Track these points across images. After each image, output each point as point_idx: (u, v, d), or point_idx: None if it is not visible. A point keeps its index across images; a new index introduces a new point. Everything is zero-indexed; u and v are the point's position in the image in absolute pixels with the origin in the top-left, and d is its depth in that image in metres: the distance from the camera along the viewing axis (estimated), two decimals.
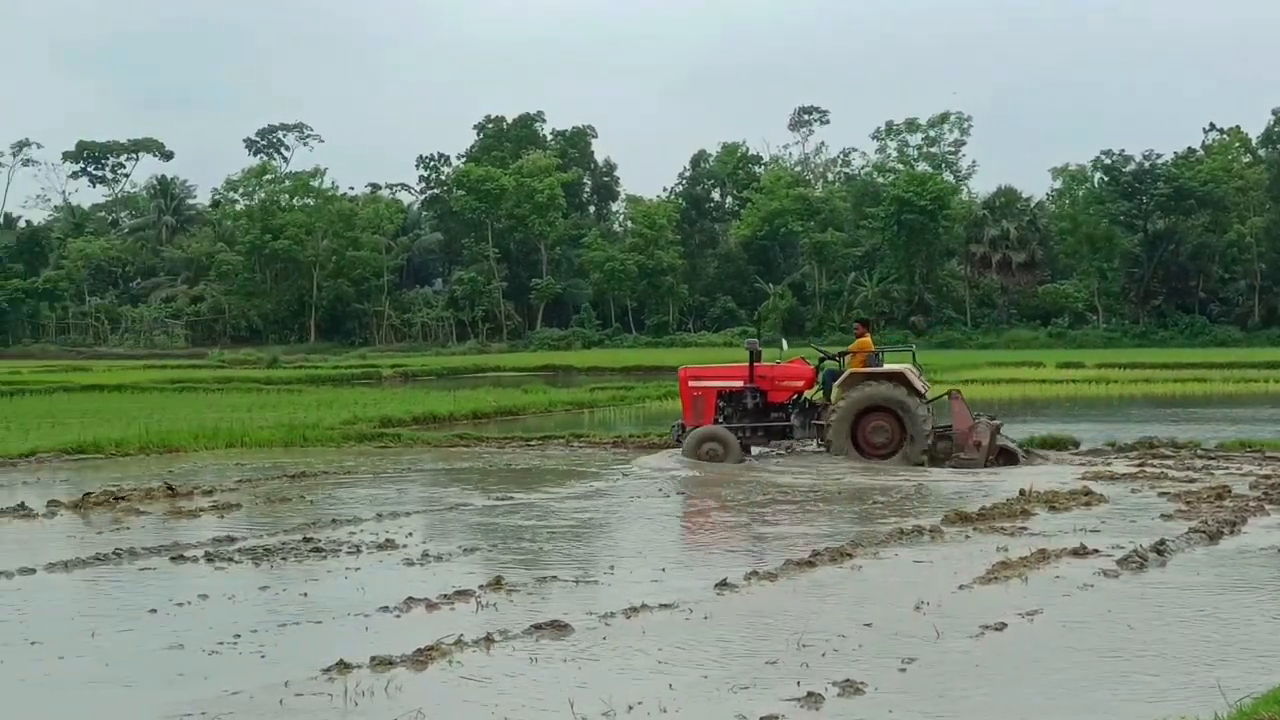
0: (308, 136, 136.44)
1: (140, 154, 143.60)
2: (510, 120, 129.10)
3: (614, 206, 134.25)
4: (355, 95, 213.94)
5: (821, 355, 26.35)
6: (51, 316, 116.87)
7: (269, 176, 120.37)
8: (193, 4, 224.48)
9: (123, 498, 19.30)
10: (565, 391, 45.08)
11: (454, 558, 14.73)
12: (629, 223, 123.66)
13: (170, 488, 20.30)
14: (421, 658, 9.94)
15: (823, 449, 24.72)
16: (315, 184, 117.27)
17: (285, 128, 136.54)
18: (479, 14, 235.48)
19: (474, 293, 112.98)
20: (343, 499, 19.90)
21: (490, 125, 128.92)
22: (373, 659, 9.84)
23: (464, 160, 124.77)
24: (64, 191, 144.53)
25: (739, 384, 25.27)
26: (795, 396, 25.38)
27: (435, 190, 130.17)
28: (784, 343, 27.33)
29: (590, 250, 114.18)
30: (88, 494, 19.50)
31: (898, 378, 24.44)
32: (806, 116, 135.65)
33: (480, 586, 12.67)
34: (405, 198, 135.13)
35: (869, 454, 23.94)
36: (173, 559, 14.60)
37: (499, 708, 8.87)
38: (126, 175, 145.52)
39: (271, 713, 8.79)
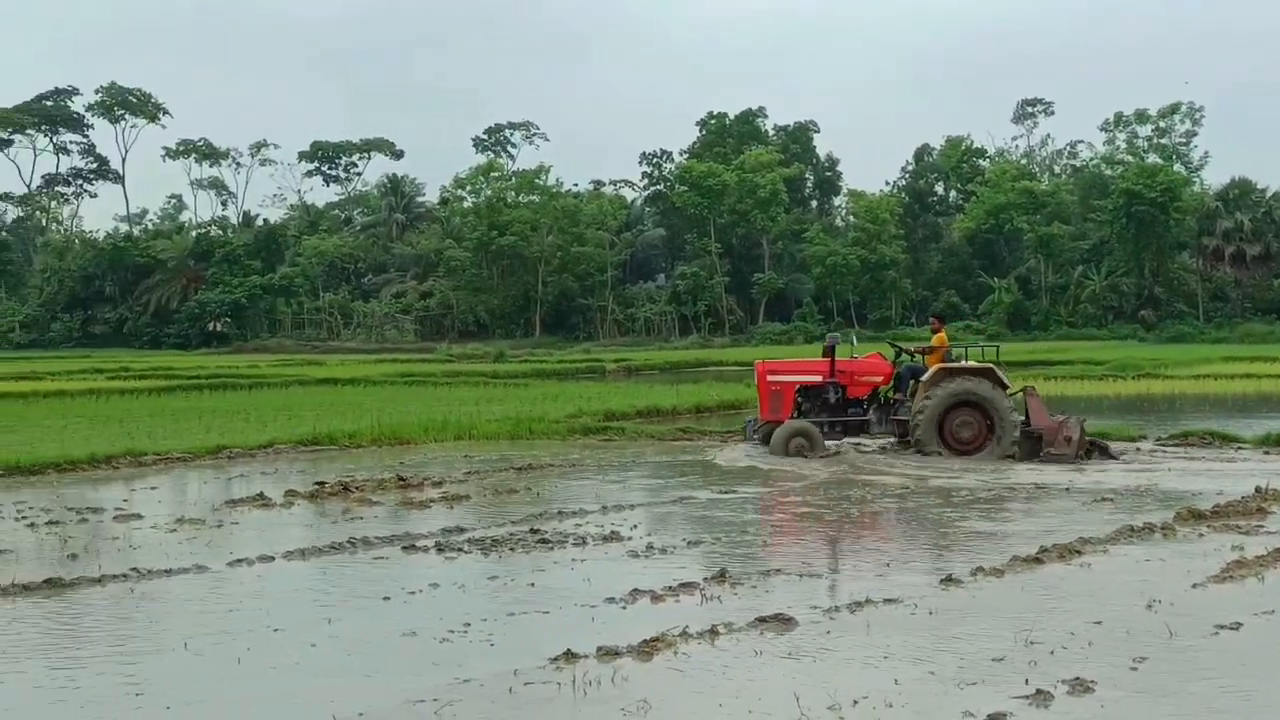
0: (533, 135, 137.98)
1: (372, 153, 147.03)
2: (732, 116, 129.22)
3: (836, 201, 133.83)
4: (579, 93, 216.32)
5: (897, 350, 26.17)
6: (288, 311, 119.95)
7: (495, 174, 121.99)
8: (425, 6, 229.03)
9: (356, 488, 19.75)
10: None
11: (678, 550, 14.76)
12: (851, 217, 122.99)
13: (401, 479, 20.72)
14: (647, 649, 9.99)
15: (896, 445, 24.87)
16: (540, 181, 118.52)
17: (511, 126, 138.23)
18: (703, 10, 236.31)
19: (696, 288, 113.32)
20: (568, 491, 20.08)
21: (713, 121, 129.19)
22: (599, 649, 9.91)
23: (686, 156, 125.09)
24: (299, 190, 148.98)
25: (818, 378, 25.23)
26: (872, 392, 25.26)
27: (658, 186, 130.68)
28: (854, 338, 27.04)
29: (812, 245, 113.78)
30: (321, 484, 19.97)
31: (986, 373, 24.35)
32: (1030, 109, 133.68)
33: (704, 579, 12.68)
34: (628, 194, 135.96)
35: (955, 450, 23.74)
36: (404, 548, 14.89)
37: (724, 699, 8.87)
38: (359, 174, 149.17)
39: (502, 700, 8.90)
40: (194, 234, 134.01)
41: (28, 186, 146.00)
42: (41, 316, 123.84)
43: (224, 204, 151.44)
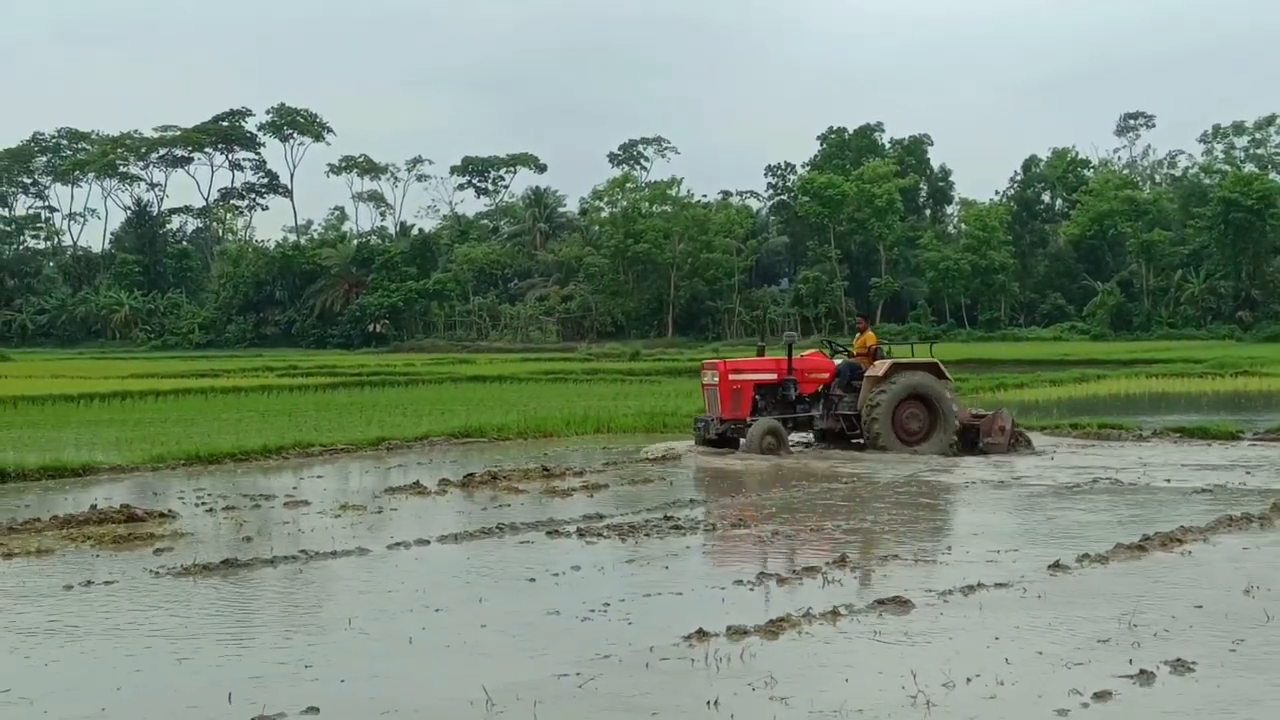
0: (665, 149, 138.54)
1: (517, 167, 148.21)
2: (851, 131, 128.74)
3: (948, 209, 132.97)
4: (708, 109, 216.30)
5: (833, 349, 25.80)
6: (440, 314, 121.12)
7: (630, 186, 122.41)
8: (568, 31, 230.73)
9: (504, 477, 19.89)
10: None
11: (801, 536, 14.72)
12: (963, 224, 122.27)
13: (545, 469, 20.83)
14: (773, 628, 9.96)
15: (820, 443, 24.55)
16: (672, 192, 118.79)
17: (645, 141, 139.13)
18: (823, 31, 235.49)
19: (817, 291, 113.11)
20: (700, 480, 20.07)
21: (833, 136, 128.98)
22: (729, 628, 9.91)
23: (808, 169, 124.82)
24: (451, 202, 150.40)
25: (774, 376, 24.53)
26: (819, 388, 24.71)
27: (782, 197, 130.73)
28: (794, 337, 26.26)
29: (926, 250, 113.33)
30: (471, 474, 20.13)
31: (931, 367, 24.21)
32: (1133, 121, 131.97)
33: (826, 563, 12.64)
34: (754, 204, 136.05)
35: (904, 441, 23.44)
36: (548, 533, 14.96)
37: (846, 676, 8.83)
38: (505, 186, 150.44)
39: (639, 674, 8.91)
40: (355, 243, 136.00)
41: (206, 200, 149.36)
42: (218, 319, 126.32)
43: (382, 215, 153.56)
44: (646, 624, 10.44)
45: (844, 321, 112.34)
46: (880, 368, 24.12)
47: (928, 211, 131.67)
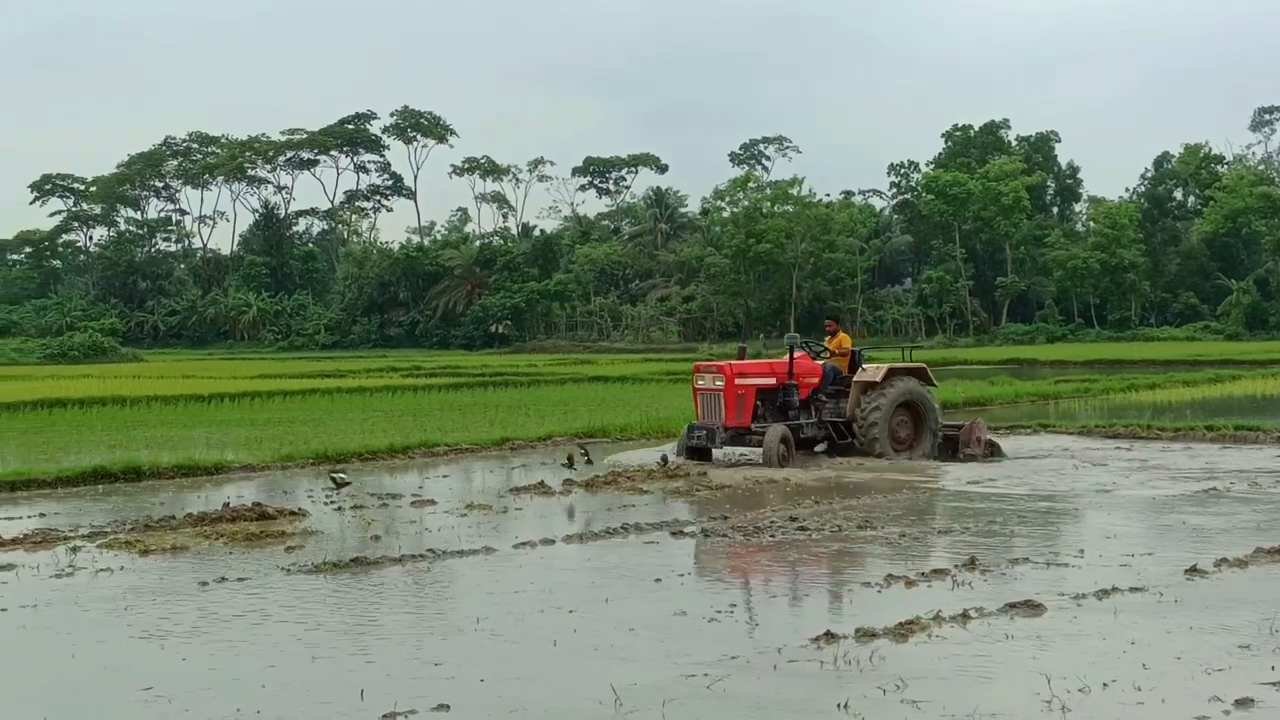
0: (786, 148, 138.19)
1: (639, 168, 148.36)
2: (977, 128, 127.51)
3: (1077, 207, 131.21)
4: (831, 109, 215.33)
5: (814, 352, 24.75)
6: (562, 315, 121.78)
7: (752, 185, 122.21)
8: (690, 32, 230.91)
9: (627, 477, 19.93)
10: (1030, 384, 43.97)
11: (929, 538, 14.61)
12: (1091, 223, 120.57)
13: (666, 466, 20.82)
14: (902, 630, 9.87)
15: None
16: (794, 192, 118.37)
17: (766, 141, 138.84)
18: (949, 28, 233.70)
19: (942, 290, 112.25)
20: (823, 481, 19.95)
21: (958, 133, 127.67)
22: (857, 630, 9.84)
23: (932, 167, 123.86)
24: (573, 203, 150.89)
25: (773, 381, 23.38)
26: (810, 393, 23.77)
27: (905, 195, 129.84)
28: (797, 339, 24.89)
29: (1053, 249, 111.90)
30: (595, 474, 20.18)
31: (919, 373, 23.71)
32: (1268, 116, 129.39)
33: (955, 566, 12.50)
34: (877, 203, 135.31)
35: (894, 450, 22.80)
36: (672, 534, 14.98)
37: (977, 680, 8.73)
38: (627, 187, 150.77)
39: (768, 676, 8.88)
40: (478, 244, 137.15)
41: (331, 202, 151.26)
42: (344, 320, 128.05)
43: (504, 216, 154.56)
44: (773, 625, 10.42)
45: (969, 322, 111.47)
46: (876, 373, 23.44)
47: (1055, 209, 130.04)
